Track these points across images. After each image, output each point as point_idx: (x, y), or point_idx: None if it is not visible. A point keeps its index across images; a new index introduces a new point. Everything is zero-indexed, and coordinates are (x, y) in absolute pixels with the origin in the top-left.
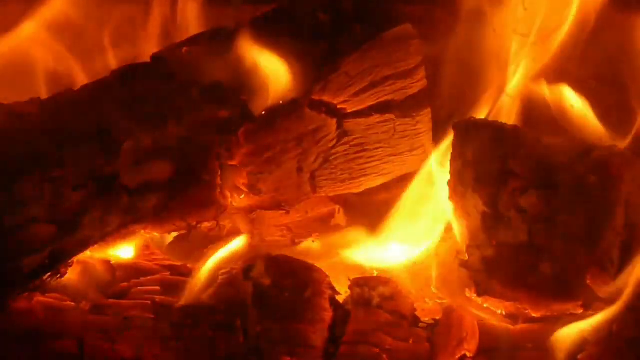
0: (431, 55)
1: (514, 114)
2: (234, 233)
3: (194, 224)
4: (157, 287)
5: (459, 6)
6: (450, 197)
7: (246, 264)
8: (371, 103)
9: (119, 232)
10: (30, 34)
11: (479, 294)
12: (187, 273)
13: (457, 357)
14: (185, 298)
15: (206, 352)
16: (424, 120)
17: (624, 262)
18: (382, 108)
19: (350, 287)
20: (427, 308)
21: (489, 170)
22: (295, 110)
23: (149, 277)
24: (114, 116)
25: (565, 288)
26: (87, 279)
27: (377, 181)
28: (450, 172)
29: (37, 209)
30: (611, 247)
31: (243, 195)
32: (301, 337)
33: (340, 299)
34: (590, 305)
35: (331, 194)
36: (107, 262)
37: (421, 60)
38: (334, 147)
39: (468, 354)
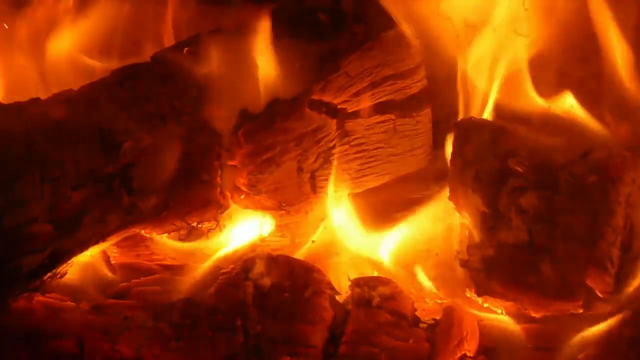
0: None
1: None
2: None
3: (194, 224)
4: (157, 287)
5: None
6: (450, 197)
7: (246, 264)
8: (371, 103)
9: (119, 232)
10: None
11: (479, 294)
12: (187, 273)
13: (457, 357)
14: (184, 298)
15: (206, 352)
16: (424, 120)
17: (624, 262)
18: (382, 108)
19: (350, 287)
20: (427, 308)
21: (489, 170)
22: (295, 110)
23: (149, 277)
24: (114, 116)
25: (565, 288)
26: (87, 279)
27: (377, 181)
28: (450, 172)
29: (37, 209)
30: (611, 247)
31: (243, 195)
32: (301, 337)
33: (340, 299)
34: (590, 305)
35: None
36: (107, 262)
37: (421, 60)
38: (334, 147)
39: (468, 354)
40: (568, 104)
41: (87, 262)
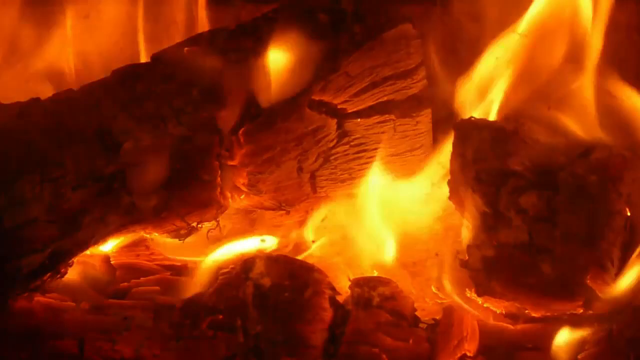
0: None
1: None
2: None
3: (194, 224)
4: (157, 287)
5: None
6: (450, 197)
7: (246, 264)
8: (371, 103)
9: (119, 232)
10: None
11: (479, 294)
12: (187, 273)
13: (457, 357)
14: (184, 298)
15: (206, 352)
16: (424, 120)
17: (624, 262)
18: (382, 108)
19: (350, 287)
20: (427, 308)
21: (489, 170)
22: (295, 110)
23: (149, 277)
24: (114, 116)
25: (565, 288)
26: (87, 279)
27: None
28: (450, 172)
29: (37, 209)
30: (611, 247)
31: (243, 195)
32: (301, 337)
33: (340, 299)
34: (590, 305)
35: (331, 194)
36: (107, 262)
37: (421, 60)
38: (334, 147)
39: (468, 354)
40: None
41: (87, 262)
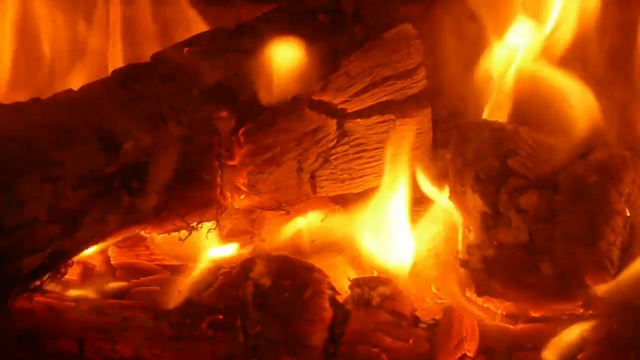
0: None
1: (512, 113)
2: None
3: (194, 224)
4: (157, 287)
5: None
6: (450, 197)
7: (246, 264)
8: (371, 103)
9: (119, 232)
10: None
11: (479, 294)
12: (187, 273)
13: (457, 357)
14: (184, 298)
15: (206, 352)
16: (424, 120)
17: (624, 262)
18: (382, 108)
19: (350, 287)
20: (427, 308)
21: (489, 170)
22: (295, 110)
23: (149, 277)
24: (114, 116)
25: (565, 288)
26: (87, 279)
27: (377, 181)
28: (450, 172)
29: (37, 209)
30: (611, 247)
31: (243, 195)
32: (301, 337)
33: (340, 299)
34: (590, 305)
35: (331, 194)
36: (107, 262)
37: (421, 60)
38: (334, 147)
39: (468, 354)
40: (568, 103)
41: (87, 262)
